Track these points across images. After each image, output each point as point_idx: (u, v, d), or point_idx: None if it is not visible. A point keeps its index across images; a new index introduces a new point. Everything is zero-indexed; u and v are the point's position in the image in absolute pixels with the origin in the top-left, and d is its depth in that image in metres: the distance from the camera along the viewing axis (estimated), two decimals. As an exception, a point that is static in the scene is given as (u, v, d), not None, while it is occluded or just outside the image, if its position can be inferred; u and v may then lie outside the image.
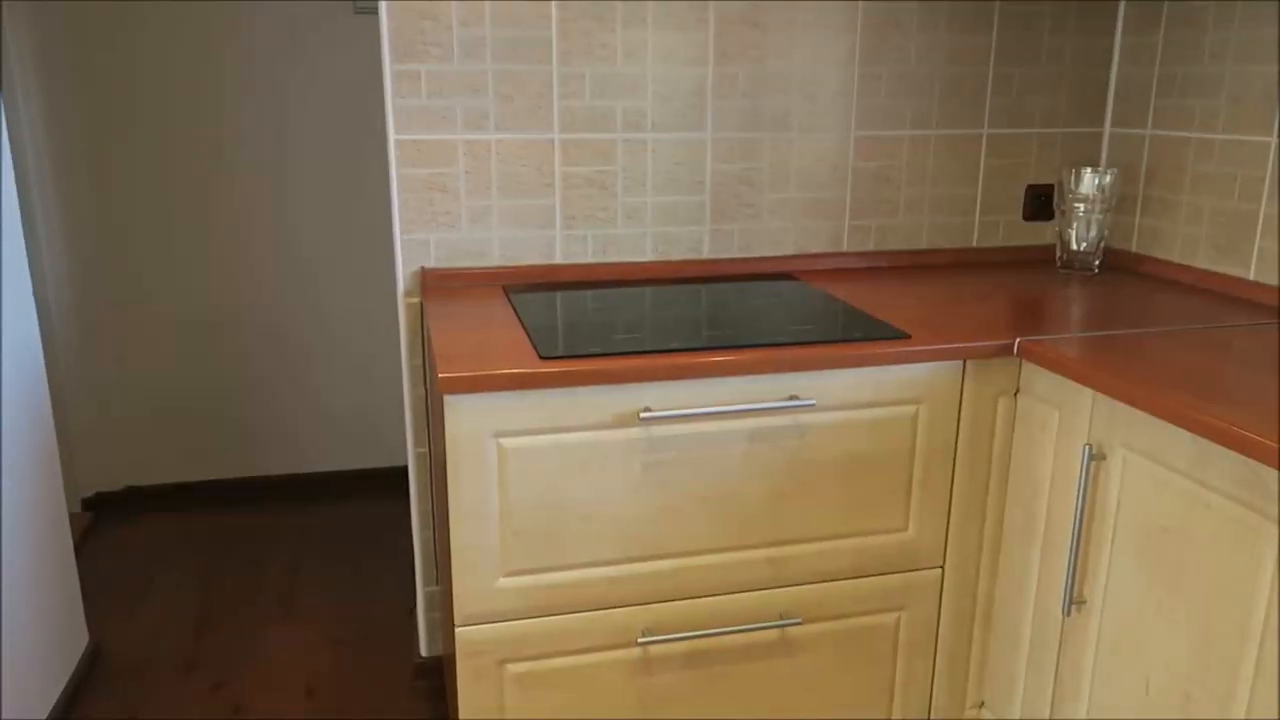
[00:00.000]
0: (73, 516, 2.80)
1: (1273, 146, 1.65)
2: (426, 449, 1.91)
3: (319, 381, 3.02)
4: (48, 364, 2.04)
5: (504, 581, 1.39)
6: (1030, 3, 1.94)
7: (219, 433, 3.00)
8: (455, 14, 1.70)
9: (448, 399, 1.30)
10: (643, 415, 1.35)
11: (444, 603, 1.71)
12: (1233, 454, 1.10)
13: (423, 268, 1.80)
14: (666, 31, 1.79)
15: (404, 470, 3.06)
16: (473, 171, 1.78)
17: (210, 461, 3.01)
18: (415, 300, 1.82)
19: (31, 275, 1.99)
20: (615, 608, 1.44)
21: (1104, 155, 2.05)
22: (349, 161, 2.87)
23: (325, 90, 2.81)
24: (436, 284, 1.80)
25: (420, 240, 1.79)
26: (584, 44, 1.76)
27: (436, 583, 1.99)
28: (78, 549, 2.67)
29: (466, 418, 1.31)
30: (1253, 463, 1.08)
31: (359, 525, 2.88)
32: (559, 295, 1.72)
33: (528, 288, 1.78)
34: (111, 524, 2.88)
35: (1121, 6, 1.98)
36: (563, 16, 1.74)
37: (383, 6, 1.68)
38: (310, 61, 2.77)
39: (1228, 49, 1.73)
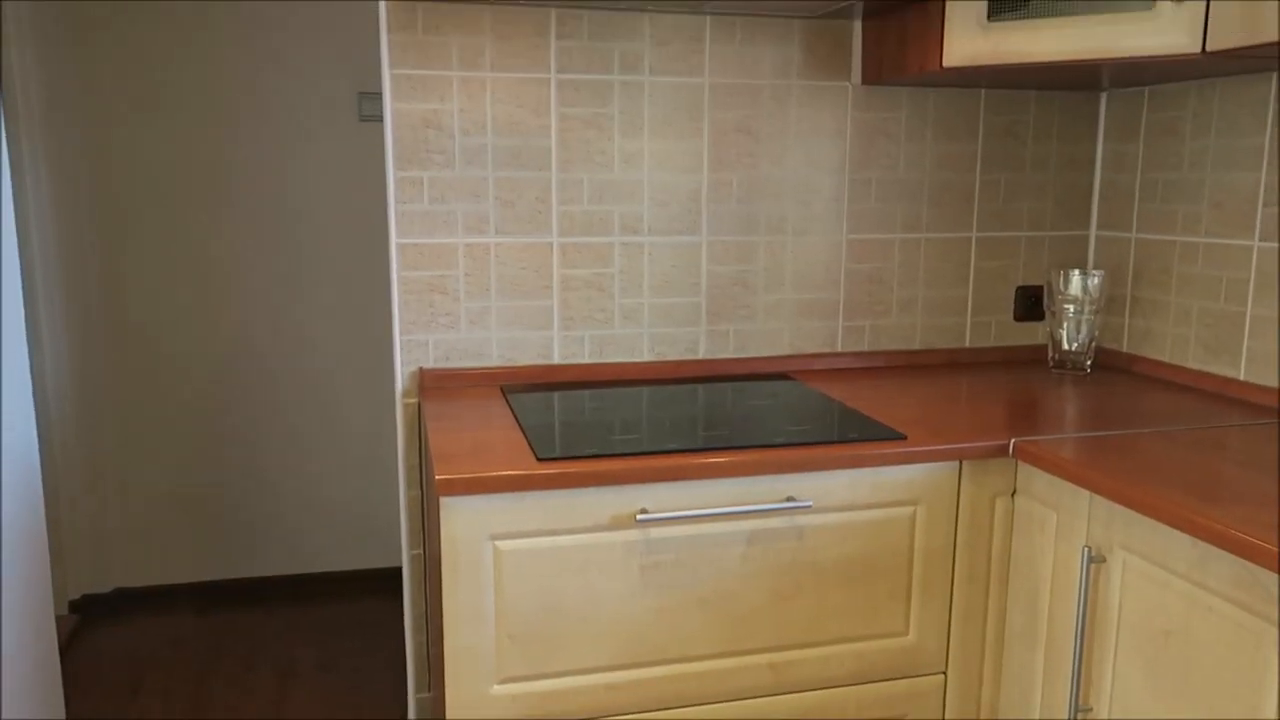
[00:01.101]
0: (59, 619, 2.75)
1: (1254, 250, 1.69)
2: (421, 550, 1.89)
3: (318, 480, 3.01)
4: (42, 462, 2.04)
5: (498, 689, 1.36)
6: (1013, 114, 2.01)
7: (213, 531, 2.97)
8: (458, 123, 1.76)
9: (444, 501, 1.30)
10: (639, 517, 1.34)
11: (436, 710, 1.67)
12: (1233, 557, 1.10)
13: (421, 368, 1.81)
14: (663, 140, 1.85)
15: (401, 571, 3.02)
16: (472, 274, 1.81)
17: (202, 561, 2.97)
18: (413, 400, 1.83)
19: (31, 369, 2.00)
20: (614, 716, 1.40)
21: (1091, 257, 2.09)
22: (353, 262, 2.92)
23: (330, 193, 2.87)
24: (435, 384, 1.81)
25: (419, 341, 1.81)
26: (583, 152, 1.82)
27: (429, 689, 1.95)
28: (63, 653, 2.61)
29: (463, 520, 1.31)
30: (1253, 566, 1.07)
31: (354, 626, 2.83)
32: (556, 395, 1.73)
33: (525, 388, 1.79)
34: (99, 627, 2.82)
35: (1101, 116, 2.05)
36: (562, 126, 1.80)
37: (387, 116, 1.73)
38: (316, 166, 2.85)
39: (1206, 157, 1.79)
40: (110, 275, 2.79)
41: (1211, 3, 1.40)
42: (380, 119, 2.84)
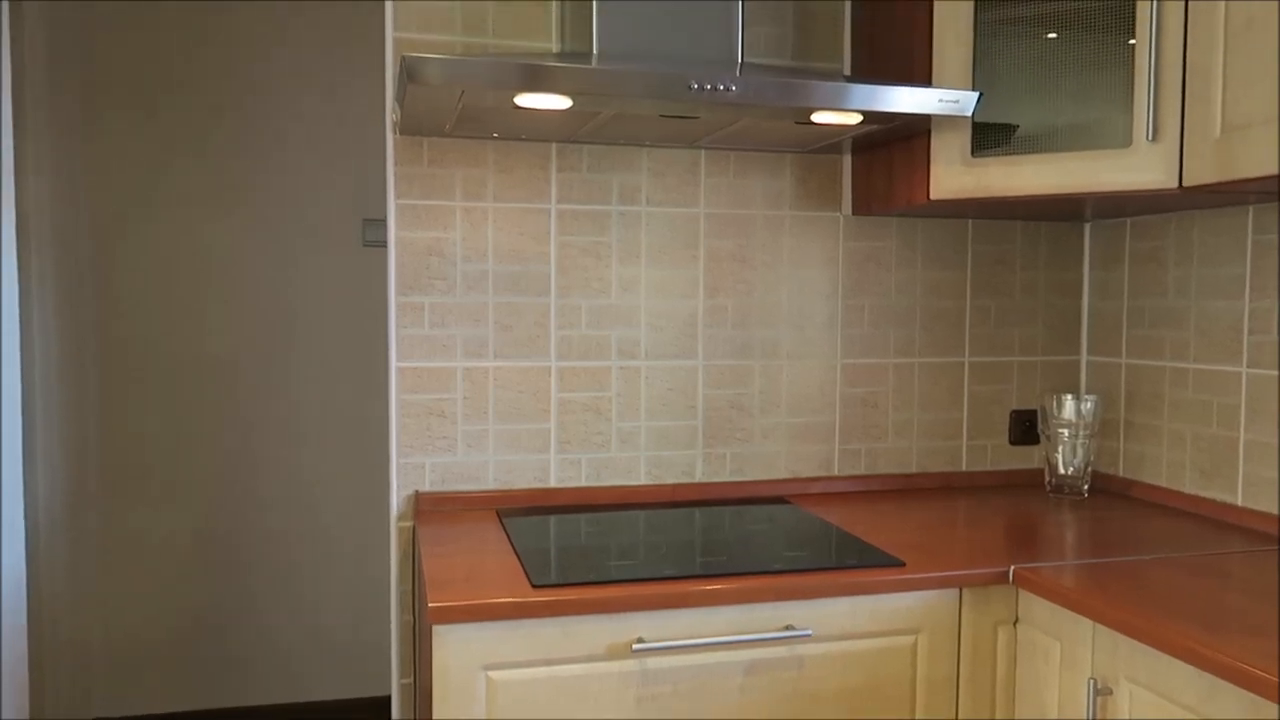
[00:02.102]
0: (33, 751, 2.64)
1: (1243, 376, 1.71)
2: (412, 679, 1.84)
3: (308, 605, 2.95)
4: (27, 583, 2.00)
5: (488, 829, 1.31)
6: (1000, 243, 2.07)
7: (199, 658, 2.89)
8: (460, 250, 1.80)
9: (436, 629, 1.28)
10: (636, 647, 1.32)
11: None
12: (1241, 690, 1.08)
13: (417, 491, 1.81)
14: (659, 268, 1.89)
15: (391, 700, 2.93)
16: (471, 397, 1.82)
17: (188, 690, 2.88)
18: (408, 524, 1.81)
19: (25, 489, 1.99)
20: None
21: (1083, 382, 2.12)
22: (350, 384, 2.94)
23: (330, 316, 2.92)
24: (430, 508, 1.80)
25: (416, 464, 1.81)
26: (581, 278, 1.86)
27: (415, 828, 1.87)
28: (34, 788, 2.51)
29: (455, 649, 1.28)
30: (1261, 700, 1.05)
31: (336, 761, 2.72)
32: (552, 519, 1.72)
33: (521, 511, 1.78)
34: (73, 760, 2.72)
35: (1086, 245, 2.11)
36: (562, 254, 1.85)
37: (391, 243, 1.78)
38: (317, 289, 2.90)
39: (1189, 285, 1.83)
40: (108, 390, 2.80)
41: (1185, 141, 1.46)
42: (383, 244, 2.91)
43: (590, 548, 1.52)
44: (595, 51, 1.57)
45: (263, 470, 2.90)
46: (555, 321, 1.85)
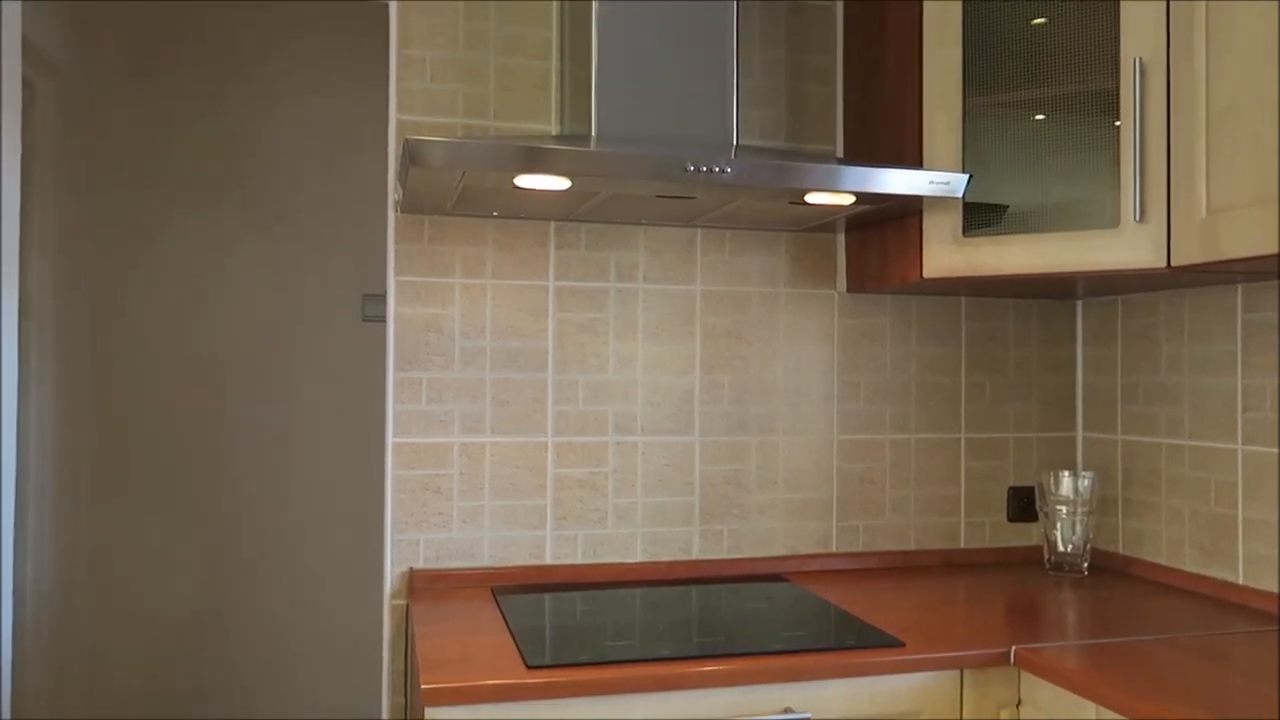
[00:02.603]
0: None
1: (1239, 453, 1.72)
2: (403, 763, 1.80)
3: (299, 685, 2.89)
4: (11, 653, 1.97)
5: None
6: (993, 320, 2.09)
7: (182, 741, 2.82)
8: (458, 326, 1.82)
9: (429, 711, 1.25)
10: (632, 729, 1.29)
11: None
12: (1248, 776, 1.06)
13: (411, 568, 1.79)
14: (656, 344, 1.91)
15: (376, 784, 2.86)
16: (467, 473, 1.82)
17: (168, 774, 2.81)
18: (401, 602, 1.79)
19: (14, 560, 1.97)
20: None
21: (1080, 458, 2.12)
22: (344, 459, 2.93)
23: (326, 390, 2.92)
24: (425, 585, 1.78)
25: (411, 540, 1.79)
26: (578, 354, 1.87)
27: None
28: None
29: (448, 732, 1.26)
30: (1270, 787, 1.03)
31: None
32: (548, 597, 1.70)
33: (517, 589, 1.76)
34: None
35: (1079, 322, 2.13)
36: (559, 330, 1.86)
37: (390, 320, 1.80)
38: (314, 363, 2.91)
39: (1182, 361, 1.85)
40: (103, 471, 2.79)
41: (1172, 222, 1.49)
42: (382, 320, 2.93)
43: (585, 627, 1.51)
44: (594, 134, 1.60)
45: (259, 547, 2.87)
46: (553, 397, 1.86)
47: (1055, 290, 1.94)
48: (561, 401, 1.86)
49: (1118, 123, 1.57)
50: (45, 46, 2.63)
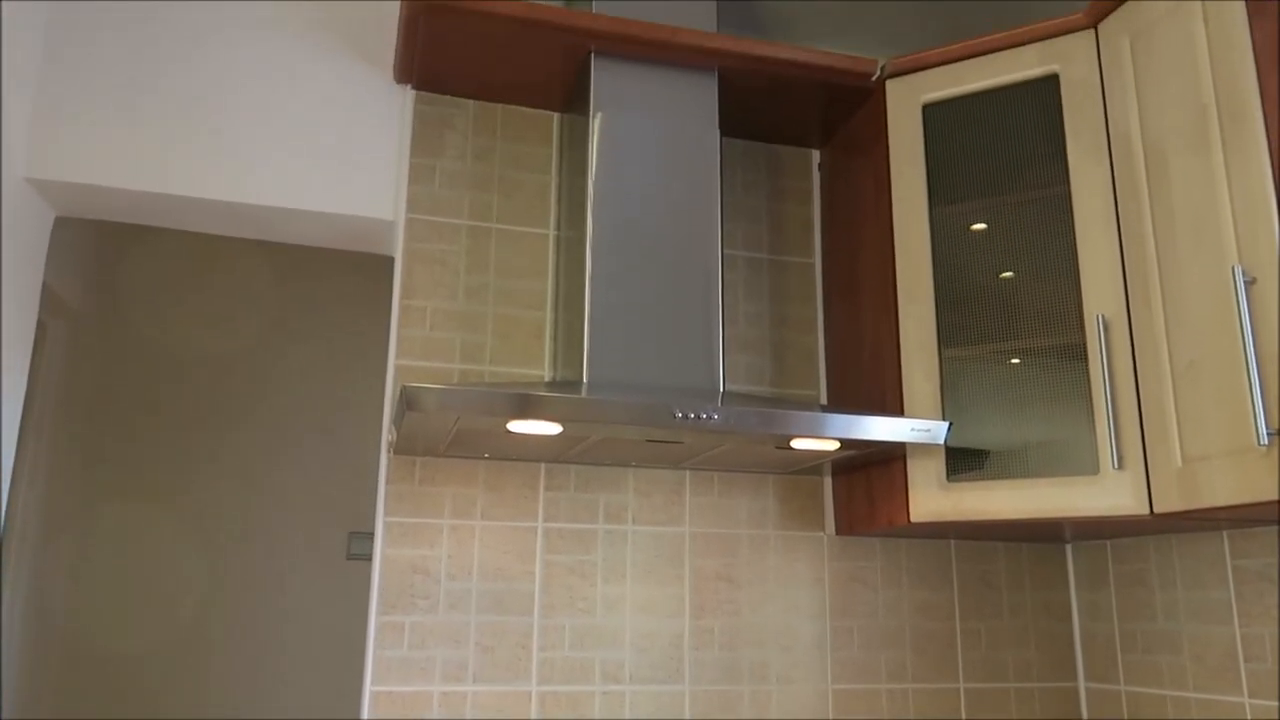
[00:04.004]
0: None
1: (1246, 707, 1.66)
2: None
3: None
4: None
5: None
6: (984, 563, 2.07)
7: None
8: (444, 568, 1.80)
9: None
10: None
11: None
12: None
13: (382, 833, 1.67)
14: (645, 586, 1.88)
15: None
16: (446, 725, 1.74)
17: None
18: None
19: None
20: None
21: (1084, 710, 2.04)
22: (323, 700, 2.80)
23: (307, 627, 2.83)
24: None
25: (383, 801, 1.69)
26: (566, 597, 1.84)
27: None
28: None
29: None
30: None
31: None
32: None
33: None
34: None
35: (1070, 566, 2.12)
36: (547, 573, 1.84)
37: (376, 562, 1.78)
38: (297, 599, 2.84)
39: (1178, 608, 1.82)
40: (73, 701, 2.65)
41: (1150, 470, 1.52)
42: (368, 558, 2.89)
43: None
44: (585, 380, 1.66)
45: (215, 804, 2.69)
46: (538, 642, 1.81)
47: (1044, 534, 1.94)
48: (547, 647, 1.81)
49: (1090, 372, 1.63)
50: (60, 290, 2.75)
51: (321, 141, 1.92)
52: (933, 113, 1.85)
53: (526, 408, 1.45)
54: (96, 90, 1.84)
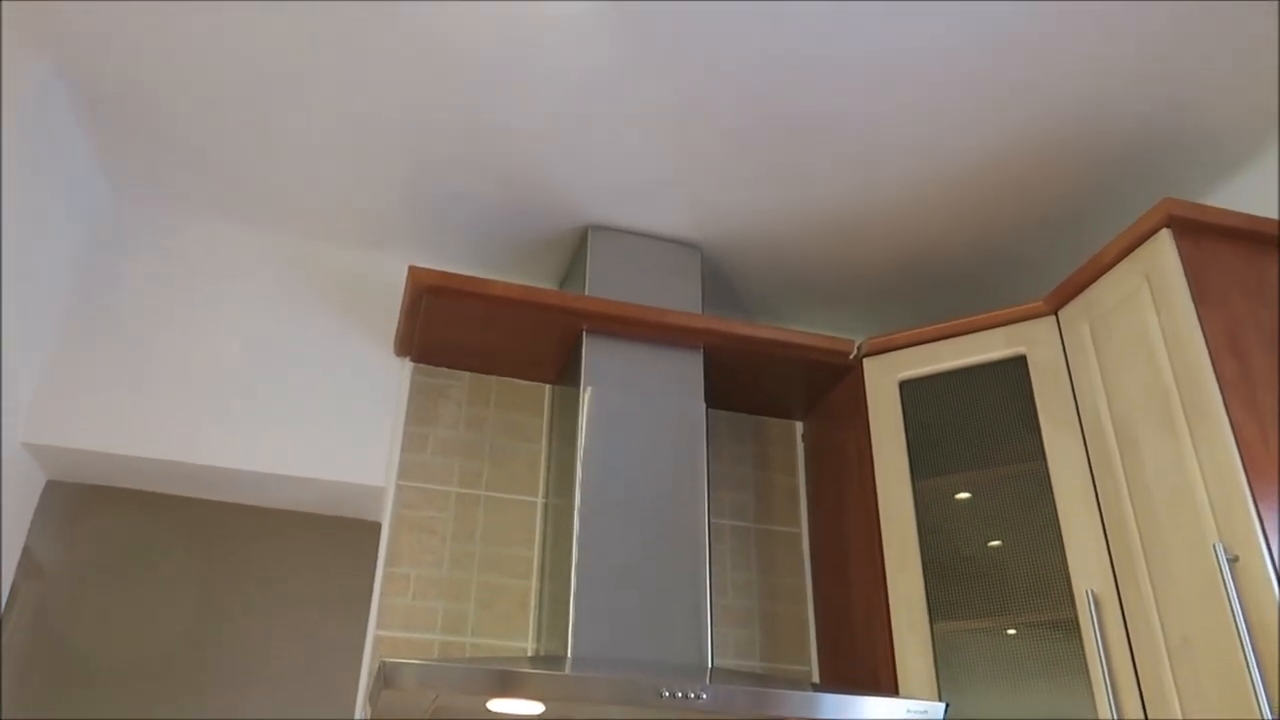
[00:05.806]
0: None
1: None
2: None
3: None
4: None
5: None
6: None
7: None
8: None
9: None
10: None
11: None
12: None
13: None
14: None
15: None
16: None
17: None
18: None
19: None
20: None
21: None
22: None
23: None
24: None
25: None
26: None
27: None
28: None
29: None
30: None
31: None
32: None
33: None
34: None
35: None
36: None
37: None
38: None
39: None
40: None
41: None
42: None
43: None
44: (569, 656, 1.61)
45: None
46: None
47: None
48: None
49: (1084, 649, 1.59)
50: (38, 552, 2.71)
51: (321, 411, 1.97)
52: (910, 388, 1.93)
53: (507, 685, 1.40)
54: (101, 358, 1.89)
